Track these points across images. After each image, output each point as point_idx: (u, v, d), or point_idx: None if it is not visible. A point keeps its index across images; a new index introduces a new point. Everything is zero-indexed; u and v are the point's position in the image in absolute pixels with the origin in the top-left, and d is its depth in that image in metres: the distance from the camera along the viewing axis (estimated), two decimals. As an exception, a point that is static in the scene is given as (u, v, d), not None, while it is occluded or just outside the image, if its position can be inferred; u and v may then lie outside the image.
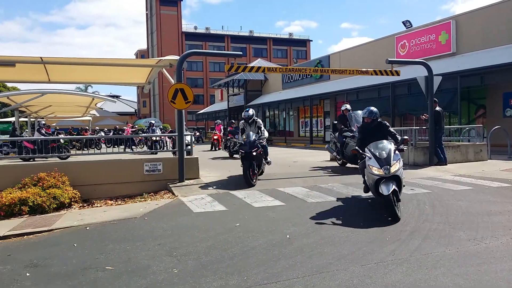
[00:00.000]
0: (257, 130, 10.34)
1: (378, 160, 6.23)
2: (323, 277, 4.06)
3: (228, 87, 42.43)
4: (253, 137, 9.71)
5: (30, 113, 21.95)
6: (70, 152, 16.29)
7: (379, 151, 6.34)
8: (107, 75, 12.49)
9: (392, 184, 6.07)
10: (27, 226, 6.70)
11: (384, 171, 6.14)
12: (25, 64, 10.10)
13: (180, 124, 10.15)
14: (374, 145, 6.50)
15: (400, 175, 6.27)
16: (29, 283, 4.28)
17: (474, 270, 4.13)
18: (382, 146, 6.39)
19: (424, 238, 5.23)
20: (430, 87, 12.22)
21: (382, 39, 24.87)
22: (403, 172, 6.46)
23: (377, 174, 6.20)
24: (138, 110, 76.47)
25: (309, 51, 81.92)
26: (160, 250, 5.15)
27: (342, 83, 25.98)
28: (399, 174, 6.22)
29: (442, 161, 11.98)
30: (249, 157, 9.43)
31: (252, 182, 9.41)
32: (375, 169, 6.21)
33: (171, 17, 73.80)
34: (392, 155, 6.24)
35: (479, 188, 8.55)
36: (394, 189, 6.05)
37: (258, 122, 10.50)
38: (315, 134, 30.29)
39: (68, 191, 8.37)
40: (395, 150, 6.37)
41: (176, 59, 10.31)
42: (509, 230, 5.44)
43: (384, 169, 6.14)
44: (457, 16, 20.19)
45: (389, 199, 5.98)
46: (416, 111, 19.24)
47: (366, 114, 6.95)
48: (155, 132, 20.63)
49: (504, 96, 17.56)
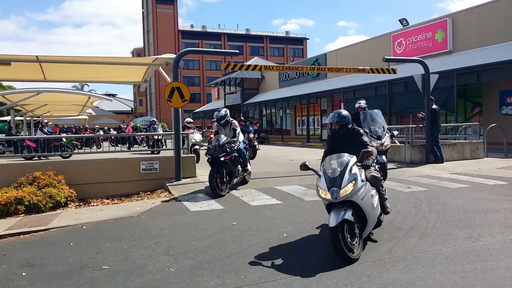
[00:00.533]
0: (232, 132, 9.15)
1: (327, 179, 4.65)
2: (320, 276, 4.05)
3: (224, 85, 42.39)
4: (222, 140, 8.66)
5: (26, 112, 21.86)
6: (73, 150, 16.27)
7: (331, 168, 4.76)
8: (103, 74, 12.45)
9: (344, 213, 4.46)
10: (23, 225, 6.66)
11: (332, 195, 4.53)
12: (20, 62, 10.05)
13: (176, 122, 10.13)
14: (329, 159, 4.94)
15: (360, 199, 4.58)
16: (25, 283, 4.25)
17: (471, 267, 4.14)
18: (339, 162, 4.78)
19: (421, 236, 5.24)
20: (427, 85, 12.24)
21: (379, 37, 24.90)
22: (371, 196, 4.89)
23: (324, 198, 4.69)
24: (135, 109, 76.27)
25: (306, 50, 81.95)
26: (157, 249, 5.14)
27: (339, 81, 25.99)
28: (356, 199, 4.55)
29: (439, 159, 12.01)
30: (215, 163, 8.43)
31: (219, 192, 8.29)
32: (322, 191, 4.66)
33: (167, 15, 73.60)
34: (346, 175, 4.59)
35: (475, 186, 8.57)
36: (347, 219, 4.43)
37: (233, 124, 9.24)
38: (312, 133, 30.31)
39: (64, 190, 8.33)
40: (352, 167, 4.69)
41: (173, 57, 10.27)
42: (506, 227, 5.46)
43: (332, 193, 4.52)
44: (453, 14, 20.23)
45: (333, 233, 4.36)
46: (412, 109, 19.27)
47: (333, 119, 5.33)
48: (156, 131, 19.82)
49: (500, 94, 17.62)
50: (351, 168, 4.67)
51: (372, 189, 4.99)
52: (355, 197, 4.54)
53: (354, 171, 4.66)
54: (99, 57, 10.42)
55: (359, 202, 4.57)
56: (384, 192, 5.30)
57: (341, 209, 4.52)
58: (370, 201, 4.78)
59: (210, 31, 76.51)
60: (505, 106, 17.46)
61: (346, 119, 5.31)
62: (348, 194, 4.51)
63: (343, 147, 5.14)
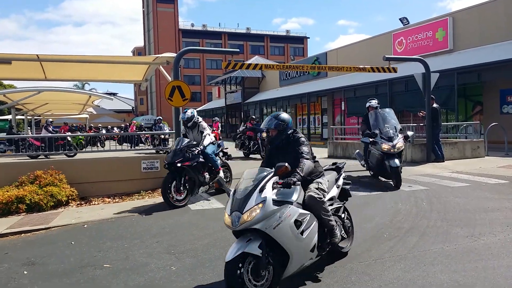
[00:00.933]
0: (200, 135, 8.34)
1: (233, 200, 3.67)
2: (321, 274, 4.06)
3: (225, 84, 42.39)
4: (181, 144, 7.77)
5: (27, 111, 21.84)
6: (81, 149, 16.27)
7: (244, 185, 3.74)
8: (104, 73, 12.43)
9: (247, 244, 3.47)
10: (24, 224, 6.67)
11: (232, 221, 3.54)
12: (21, 61, 10.04)
13: (177, 122, 10.12)
14: (247, 174, 3.90)
15: (271, 228, 3.50)
16: (26, 281, 4.26)
17: (472, 266, 4.14)
18: (256, 178, 3.75)
19: (422, 235, 5.24)
20: (427, 84, 12.23)
21: (379, 36, 24.88)
22: (301, 223, 3.72)
23: (227, 225, 3.65)
24: (135, 108, 76.26)
25: (306, 48, 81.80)
26: (158, 248, 5.15)
27: (339, 80, 25.97)
28: (264, 227, 3.49)
29: (440, 158, 12.00)
30: (171, 168, 7.55)
31: (173, 203, 7.39)
32: (226, 215, 3.66)
33: (168, 14, 73.53)
34: (254, 195, 3.57)
35: (476, 185, 8.57)
36: (249, 253, 3.44)
37: (200, 126, 8.45)
38: (313, 132, 30.30)
39: (65, 189, 8.34)
40: (264, 186, 3.63)
41: (173, 56, 10.26)
42: (507, 226, 5.46)
43: (232, 217, 3.55)
44: (454, 13, 20.21)
45: (229, 269, 3.42)
46: (413, 108, 19.25)
47: (268, 124, 4.35)
48: (162, 129, 19.42)
49: (501, 93, 17.61)
50: (263, 187, 3.61)
51: (307, 214, 3.84)
52: (262, 225, 3.49)
53: (267, 191, 3.60)
54: (100, 56, 10.42)
55: (269, 232, 3.50)
56: (330, 218, 4.06)
57: (245, 239, 3.53)
58: (291, 230, 3.61)
59: (211, 30, 76.43)
60: (506, 105, 17.45)
61: (285, 123, 4.32)
62: (250, 221, 3.46)
63: (282, 159, 3.98)
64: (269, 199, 3.57)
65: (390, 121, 9.14)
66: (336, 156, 14.98)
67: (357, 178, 9.71)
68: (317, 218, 3.97)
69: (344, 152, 14.89)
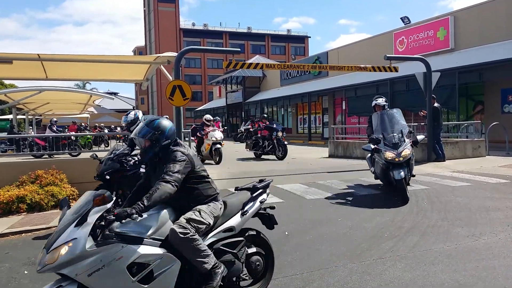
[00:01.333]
0: None
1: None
2: (321, 274, 4.06)
3: (226, 84, 42.39)
4: (114, 151, 6.25)
5: (28, 110, 21.86)
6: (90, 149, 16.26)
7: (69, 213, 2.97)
8: (105, 72, 12.43)
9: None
10: (25, 223, 6.68)
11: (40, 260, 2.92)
12: (22, 61, 10.04)
13: (178, 121, 10.12)
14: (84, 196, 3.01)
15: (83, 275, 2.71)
16: (27, 281, 4.27)
17: (473, 266, 4.14)
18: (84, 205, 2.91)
19: (423, 234, 5.24)
20: (429, 83, 12.22)
21: (380, 36, 24.84)
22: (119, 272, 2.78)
23: None
24: (136, 107, 76.31)
25: (307, 48, 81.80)
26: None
27: (340, 80, 25.95)
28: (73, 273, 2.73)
29: (441, 158, 11.99)
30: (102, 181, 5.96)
31: None
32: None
33: (169, 13, 73.58)
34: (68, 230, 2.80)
35: (477, 184, 8.56)
36: None
37: None
38: (314, 131, 30.28)
39: (66, 189, 8.34)
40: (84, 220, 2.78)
41: (174, 55, 10.26)
42: (508, 226, 5.45)
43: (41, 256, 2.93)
44: (455, 12, 20.18)
45: None
46: (414, 108, 19.21)
47: (139, 132, 3.41)
48: None
49: (502, 92, 17.58)
50: (84, 219, 2.76)
51: (159, 254, 2.94)
52: (71, 271, 2.71)
53: (83, 228, 2.73)
54: (101, 55, 10.41)
55: (82, 280, 2.71)
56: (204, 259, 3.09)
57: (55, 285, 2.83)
58: (122, 278, 2.78)
59: (212, 30, 76.46)
60: (507, 104, 17.42)
61: (159, 131, 3.38)
62: (52, 265, 2.72)
63: (156, 178, 3.23)
64: (82, 237, 2.70)
65: (397, 124, 7.91)
66: (337, 155, 15.00)
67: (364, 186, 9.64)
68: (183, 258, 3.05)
69: (345, 152, 14.89)
